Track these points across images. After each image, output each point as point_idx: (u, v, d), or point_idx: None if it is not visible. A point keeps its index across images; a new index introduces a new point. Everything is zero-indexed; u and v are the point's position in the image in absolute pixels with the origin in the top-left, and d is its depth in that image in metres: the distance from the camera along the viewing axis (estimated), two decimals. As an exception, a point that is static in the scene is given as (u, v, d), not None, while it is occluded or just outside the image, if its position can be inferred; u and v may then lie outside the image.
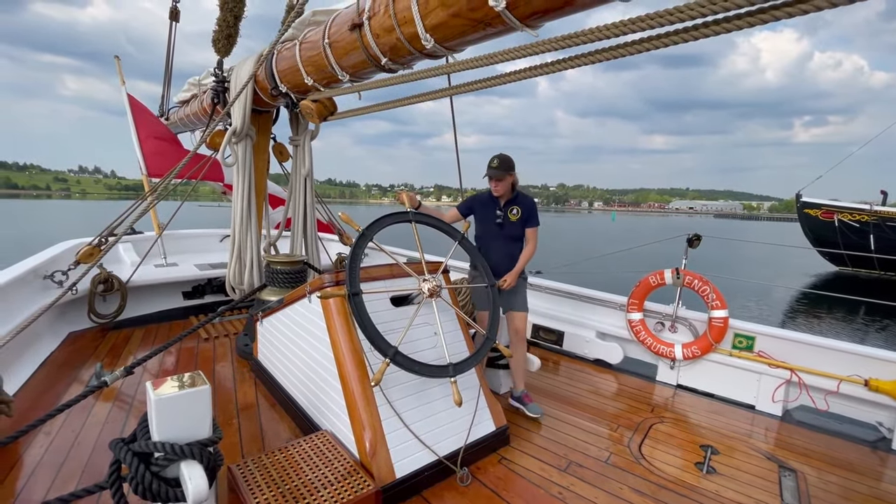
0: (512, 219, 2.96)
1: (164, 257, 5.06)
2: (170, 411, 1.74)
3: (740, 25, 1.28)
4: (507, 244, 2.98)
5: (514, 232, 2.98)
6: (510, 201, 2.98)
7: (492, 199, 3.00)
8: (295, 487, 1.90)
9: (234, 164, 3.97)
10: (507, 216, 2.96)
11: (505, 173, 2.84)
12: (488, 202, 3.02)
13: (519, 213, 2.96)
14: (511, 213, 2.96)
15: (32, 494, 2.00)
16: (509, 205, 2.98)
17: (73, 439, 2.45)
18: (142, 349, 3.76)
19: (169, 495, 1.72)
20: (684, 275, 3.64)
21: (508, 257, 2.97)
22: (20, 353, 3.19)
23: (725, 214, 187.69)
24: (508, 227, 2.97)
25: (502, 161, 2.85)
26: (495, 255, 2.97)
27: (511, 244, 2.98)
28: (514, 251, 2.98)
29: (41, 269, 3.78)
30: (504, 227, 2.97)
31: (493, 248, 2.99)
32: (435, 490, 2.17)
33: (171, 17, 6.80)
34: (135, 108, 5.82)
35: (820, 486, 2.38)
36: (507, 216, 2.96)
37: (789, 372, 3.15)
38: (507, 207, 2.97)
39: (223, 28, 4.27)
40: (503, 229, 2.97)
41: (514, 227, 2.97)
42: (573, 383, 3.55)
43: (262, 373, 3.24)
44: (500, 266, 2.93)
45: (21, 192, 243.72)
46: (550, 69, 1.78)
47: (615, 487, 2.26)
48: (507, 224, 2.96)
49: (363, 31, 2.37)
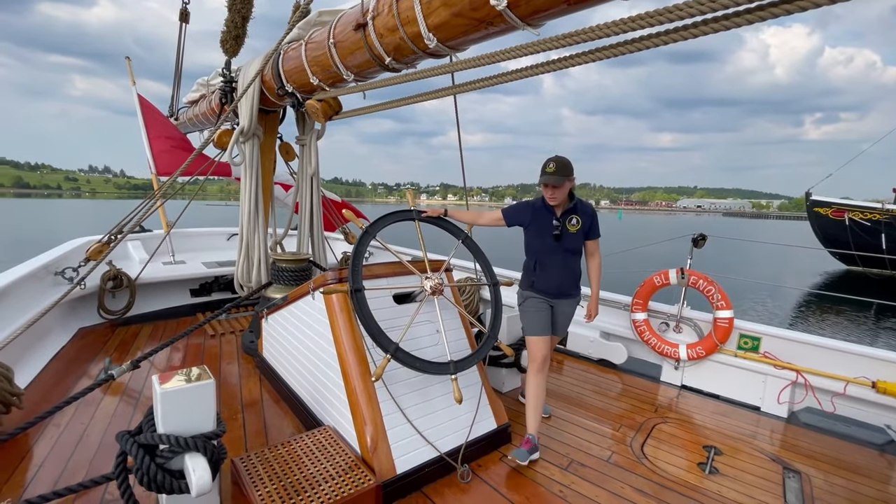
0: (571, 230, 2.59)
1: (173, 255, 5.13)
2: (175, 405, 1.78)
3: (751, 20, 1.25)
4: (567, 259, 2.62)
5: (574, 245, 2.62)
6: (569, 210, 2.61)
7: (546, 208, 2.61)
8: (297, 481, 1.92)
9: (242, 163, 4.02)
10: (567, 227, 2.59)
11: (563, 179, 2.46)
12: (543, 211, 2.62)
13: (580, 223, 2.61)
14: (570, 224, 2.60)
15: (42, 484, 2.05)
16: (568, 214, 2.61)
17: (82, 432, 2.49)
18: (150, 345, 3.81)
19: (173, 487, 1.75)
20: (689, 275, 3.62)
21: (571, 274, 2.65)
22: (32, 348, 3.25)
23: (734, 213, 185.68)
24: (568, 240, 2.60)
25: (560, 165, 2.47)
26: (555, 272, 2.62)
27: (571, 259, 2.64)
28: (575, 267, 2.66)
29: (52, 265, 3.85)
30: (563, 240, 2.59)
31: (552, 265, 2.62)
32: (435, 486, 2.18)
33: (181, 19, 6.86)
34: (145, 108, 5.90)
35: (825, 488, 2.36)
36: (567, 227, 2.59)
37: (795, 373, 3.13)
38: (565, 217, 2.60)
39: (231, 29, 4.31)
40: (562, 242, 2.59)
41: (575, 240, 2.61)
42: (577, 383, 3.54)
43: (266, 369, 3.28)
44: (563, 286, 2.64)
45: (33, 191, 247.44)
46: (554, 67, 1.79)
47: (617, 486, 2.27)
48: (567, 236, 2.59)
49: (367, 31, 2.39)
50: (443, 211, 2.80)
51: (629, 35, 1.48)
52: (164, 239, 4.93)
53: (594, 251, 2.72)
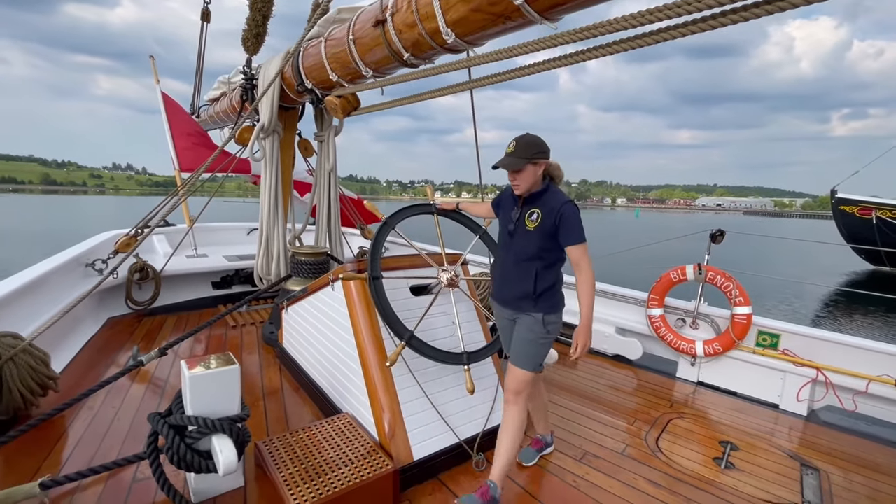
0: (528, 227, 2.00)
1: (195, 249, 5.28)
2: (202, 388, 1.86)
3: (770, 10, 1.25)
4: (516, 264, 2.04)
5: (525, 246, 2.01)
6: (531, 200, 2.03)
7: (514, 197, 2.12)
8: (318, 464, 1.99)
9: (263, 158, 4.11)
10: (525, 222, 2.02)
11: (523, 161, 1.93)
12: (510, 200, 2.16)
13: (539, 218, 1.97)
14: (529, 219, 2.01)
15: (78, 462, 2.16)
16: (529, 205, 2.03)
17: (114, 414, 2.61)
18: (174, 334, 3.95)
19: (201, 466, 1.83)
20: (706, 270, 3.59)
21: (521, 283, 2.01)
22: (65, 336, 3.40)
23: (755, 211, 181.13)
24: (519, 238, 2.03)
25: (520, 144, 1.96)
26: (502, 277, 2.12)
27: (525, 264, 2.01)
28: (524, 277, 2.00)
29: (83, 257, 4.02)
30: (514, 238, 2.06)
31: (502, 266, 2.13)
32: (451, 474, 2.23)
33: (202, 18, 7.02)
34: (168, 106, 6.07)
35: (844, 485, 2.33)
36: (525, 222, 2.02)
37: (815, 371, 3.08)
38: (526, 209, 2.03)
39: (252, 27, 4.41)
40: (513, 240, 2.07)
41: (529, 240, 2.00)
42: (591, 378, 3.55)
43: (286, 359, 3.37)
44: (508, 294, 2.07)
45: (59, 188, 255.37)
46: (571, 60, 1.80)
47: (630, 478, 2.28)
48: (520, 233, 2.03)
49: (386, 28, 2.43)
50: (455, 203, 2.76)
51: (648, 27, 1.49)
52: (187, 233, 5.08)
53: (578, 261, 1.96)
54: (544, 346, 2.05)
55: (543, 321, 2.00)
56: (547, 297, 2.01)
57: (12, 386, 2.38)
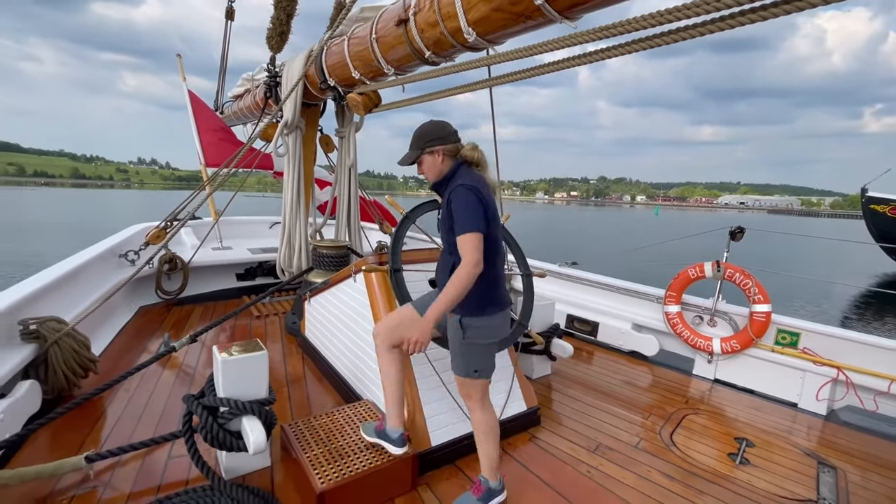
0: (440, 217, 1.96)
1: (220, 241, 5.46)
2: (233, 372, 1.97)
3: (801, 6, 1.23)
4: (443, 258, 1.99)
5: (445, 240, 1.93)
6: (441, 189, 1.95)
7: None
8: (340, 447, 2.09)
9: (286, 154, 4.23)
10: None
11: (415, 154, 1.92)
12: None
13: (442, 208, 1.91)
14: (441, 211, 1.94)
15: (117, 439, 2.30)
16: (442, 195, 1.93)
17: (148, 397, 2.76)
18: (201, 323, 4.12)
19: (233, 445, 1.95)
20: (725, 268, 3.57)
21: (441, 281, 1.94)
22: (102, 322, 3.59)
23: (781, 210, 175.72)
24: (443, 232, 1.94)
25: (413, 137, 1.94)
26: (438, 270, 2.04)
27: (444, 260, 1.96)
28: (445, 273, 1.86)
29: (116, 248, 4.21)
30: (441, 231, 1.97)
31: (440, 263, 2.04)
32: (467, 460, 2.30)
33: (226, 17, 7.20)
34: (194, 103, 6.27)
35: (861, 484, 2.32)
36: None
37: (836, 370, 3.05)
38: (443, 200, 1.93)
39: (276, 26, 4.53)
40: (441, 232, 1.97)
41: (444, 234, 1.92)
42: (607, 373, 3.57)
43: (308, 348, 3.49)
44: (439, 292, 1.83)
45: (88, 181, 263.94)
46: (591, 59, 1.83)
47: (644, 470, 2.32)
48: (441, 226, 1.95)
49: (409, 27, 2.50)
50: None
51: (668, 27, 1.51)
52: (213, 226, 5.26)
53: (461, 253, 1.74)
54: (470, 352, 1.87)
55: (461, 324, 1.84)
56: (466, 297, 1.75)
57: (57, 367, 2.54)
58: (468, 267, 1.70)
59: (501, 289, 1.91)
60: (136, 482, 2.02)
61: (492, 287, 1.86)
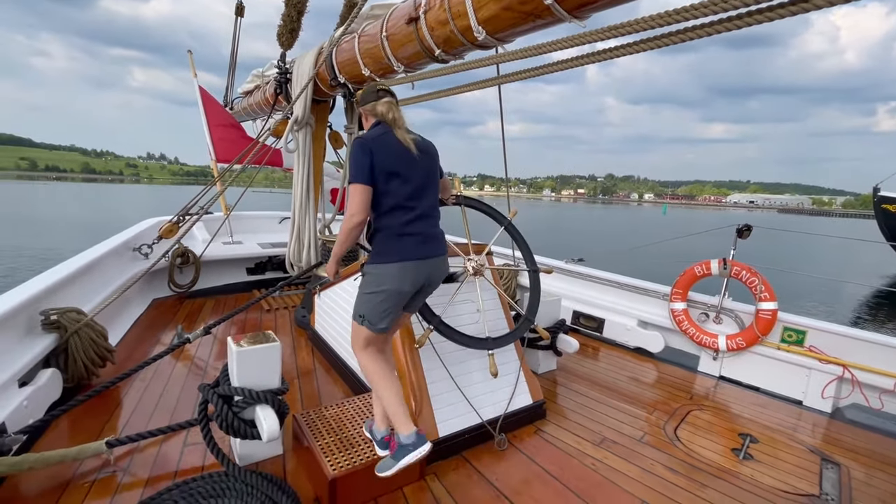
0: None
1: (231, 236, 5.55)
2: (247, 362, 2.03)
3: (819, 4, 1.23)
4: None
5: None
6: None
7: None
8: (350, 436, 2.15)
9: (296, 150, 4.29)
10: None
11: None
12: None
13: None
14: None
15: (134, 426, 2.38)
16: None
17: (163, 386, 2.84)
18: (213, 316, 4.20)
19: (247, 433, 2.02)
20: (731, 265, 3.58)
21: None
22: (118, 314, 3.68)
23: (791, 210, 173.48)
24: None
25: None
26: None
27: None
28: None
29: (130, 242, 4.31)
30: None
31: None
32: (474, 452, 2.35)
33: (236, 13, 7.26)
34: (205, 99, 6.34)
35: (864, 480, 2.34)
36: None
37: (842, 368, 3.06)
38: None
39: (287, 23, 4.57)
40: None
41: None
42: (612, 369, 3.60)
43: (318, 340, 3.55)
44: None
45: (98, 176, 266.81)
46: (600, 57, 1.85)
47: (647, 463, 2.35)
48: None
49: (419, 25, 2.53)
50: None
51: (676, 26, 1.53)
52: (224, 221, 5.34)
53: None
54: (360, 297, 1.95)
55: (362, 270, 1.99)
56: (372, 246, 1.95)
57: (77, 356, 2.63)
58: (346, 217, 1.84)
59: (406, 243, 1.91)
60: (154, 467, 2.09)
61: (391, 239, 1.90)
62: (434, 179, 2.04)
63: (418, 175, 1.94)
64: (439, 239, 2.03)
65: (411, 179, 1.91)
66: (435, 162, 2.07)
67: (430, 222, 1.99)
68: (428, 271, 1.96)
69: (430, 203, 1.99)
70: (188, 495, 1.81)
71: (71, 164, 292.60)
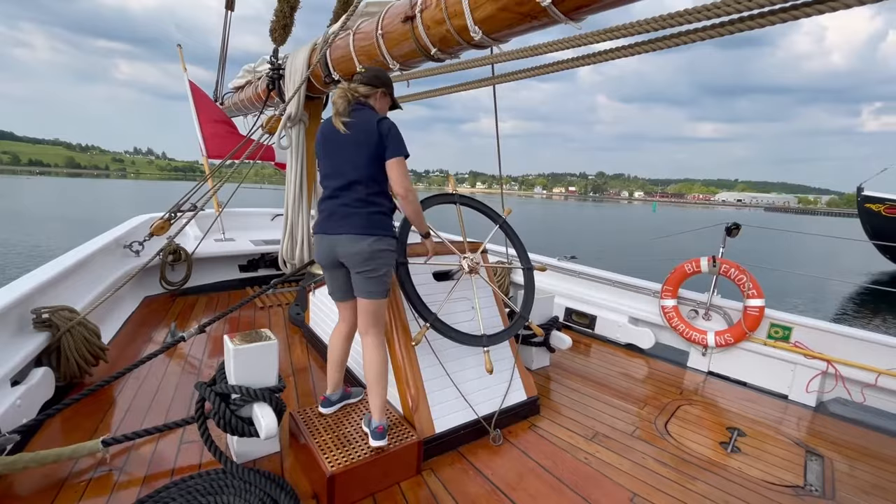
0: None
1: (223, 233, 5.51)
2: (244, 360, 2.04)
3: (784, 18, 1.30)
4: None
5: None
6: None
7: None
8: (347, 433, 2.16)
9: (289, 146, 4.27)
10: None
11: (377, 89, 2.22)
12: None
13: None
14: None
15: (130, 425, 2.37)
16: None
17: (157, 385, 2.83)
18: (206, 314, 4.18)
19: (244, 431, 2.02)
20: (720, 263, 3.65)
21: None
22: (110, 312, 3.64)
23: (777, 208, 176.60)
24: None
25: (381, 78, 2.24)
26: None
27: None
28: None
29: (121, 239, 4.26)
30: None
31: None
32: (470, 447, 2.39)
33: (226, 7, 7.18)
34: (196, 94, 6.25)
35: (847, 472, 2.42)
36: None
37: (826, 363, 3.15)
38: None
39: (280, 19, 4.54)
40: None
41: None
42: (604, 365, 3.66)
43: (313, 338, 3.56)
44: None
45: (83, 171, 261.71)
46: (595, 59, 1.89)
47: (639, 457, 2.41)
48: None
49: (415, 23, 2.54)
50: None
51: (670, 30, 1.56)
52: (216, 218, 5.29)
53: None
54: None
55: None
56: None
57: (70, 355, 2.60)
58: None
59: (319, 218, 2.18)
60: (151, 466, 2.09)
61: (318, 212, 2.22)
62: (357, 162, 2.06)
63: (337, 158, 2.11)
64: (345, 217, 2.07)
65: (330, 161, 2.13)
66: (366, 145, 2.04)
67: (338, 201, 2.10)
68: (331, 247, 2.11)
69: (341, 183, 2.08)
70: (186, 493, 1.82)
71: (55, 159, 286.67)
